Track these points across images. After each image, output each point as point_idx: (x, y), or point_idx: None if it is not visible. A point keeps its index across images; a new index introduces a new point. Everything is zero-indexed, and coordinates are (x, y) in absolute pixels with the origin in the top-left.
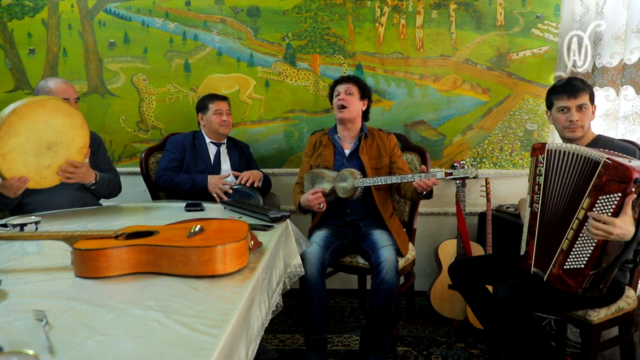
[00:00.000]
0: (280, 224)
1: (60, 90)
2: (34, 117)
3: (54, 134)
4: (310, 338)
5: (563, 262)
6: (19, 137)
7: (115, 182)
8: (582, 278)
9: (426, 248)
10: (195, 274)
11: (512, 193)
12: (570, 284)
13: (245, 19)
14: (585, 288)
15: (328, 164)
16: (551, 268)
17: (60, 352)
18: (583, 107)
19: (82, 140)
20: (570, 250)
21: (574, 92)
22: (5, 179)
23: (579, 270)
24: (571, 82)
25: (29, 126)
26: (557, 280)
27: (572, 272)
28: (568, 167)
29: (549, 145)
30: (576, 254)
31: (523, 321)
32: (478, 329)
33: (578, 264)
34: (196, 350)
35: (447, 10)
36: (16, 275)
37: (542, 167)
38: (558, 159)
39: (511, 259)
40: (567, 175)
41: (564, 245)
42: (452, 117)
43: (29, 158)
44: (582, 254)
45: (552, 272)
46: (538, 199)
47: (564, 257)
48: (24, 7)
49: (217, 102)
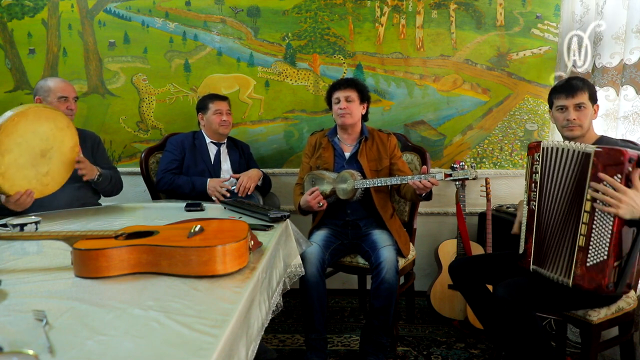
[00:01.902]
0: (280, 224)
1: (59, 88)
2: (20, 130)
3: (44, 141)
4: (310, 338)
5: (585, 259)
6: (12, 153)
7: (116, 178)
8: (609, 270)
9: (426, 248)
10: (195, 274)
11: (512, 193)
12: (600, 281)
13: (245, 19)
14: (615, 283)
15: (328, 167)
16: (574, 270)
17: (60, 352)
18: (582, 106)
19: (71, 140)
20: (589, 246)
21: (572, 91)
22: (11, 196)
23: (603, 262)
24: (570, 82)
25: (17, 140)
26: (584, 281)
27: (597, 267)
28: (564, 163)
29: (544, 144)
30: (595, 248)
31: (523, 319)
32: (478, 329)
33: (600, 256)
34: (196, 350)
35: (447, 10)
36: (16, 275)
37: (538, 165)
38: (553, 156)
39: (511, 258)
40: (564, 171)
41: (580, 241)
42: (452, 117)
43: (27, 171)
44: (601, 245)
45: (577, 274)
46: (535, 197)
47: (585, 255)
48: (24, 7)
49: (217, 102)
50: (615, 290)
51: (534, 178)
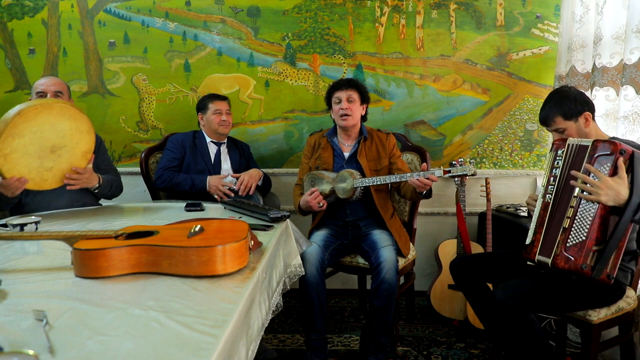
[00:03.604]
0: (280, 224)
1: (38, 84)
2: (39, 120)
3: (60, 137)
4: (310, 338)
5: (566, 240)
6: (23, 138)
7: (117, 183)
8: (585, 251)
9: (426, 248)
10: (196, 274)
11: (511, 193)
12: (574, 260)
13: (245, 19)
14: (591, 266)
15: (327, 167)
16: (555, 250)
17: (60, 352)
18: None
19: (86, 145)
20: (572, 227)
21: (543, 122)
22: (5, 179)
23: (581, 243)
24: (542, 112)
25: (33, 128)
26: (561, 259)
27: (575, 247)
28: (573, 157)
29: (570, 140)
30: (577, 229)
31: (521, 322)
32: (478, 328)
33: (579, 237)
34: (196, 350)
35: (447, 10)
36: (16, 275)
37: (561, 159)
38: (572, 152)
39: (513, 257)
40: (572, 164)
41: (565, 223)
42: (452, 117)
43: (31, 160)
44: (583, 227)
45: (556, 254)
46: (552, 190)
47: (566, 235)
48: (24, 7)
49: (217, 102)
50: (590, 273)
51: (553, 172)
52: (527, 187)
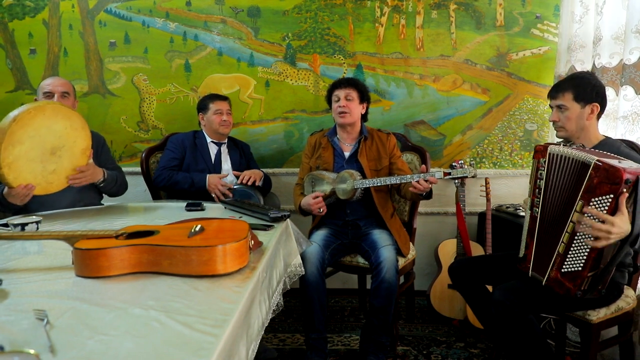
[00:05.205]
0: (280, 224)
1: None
2: (35, 124)
3: (57, 138)
4: (310, 337)
5: (560, 265)
6: (23, 145)
7: (121, 178)
8: (581, 280)
9: (426, 248)
10: (196, 273)
11: (511, 193)
12: (569, 287)
13: (245, 19)
14: (584, 290)
15: (327, 167)
16: (549, 272)
17: (61, 351)
18: (562, 107)
19: (84, 142)
20: (567, 254)
21: (552, 92)
22: (13, 188)
23: (577, 272)
24: (557, 83)
25: (31, 133)
26: (555, 284)
27: (570, 274)
28: (564, 170)
29: (551, 149)
30: (573, 257)
31: (520, 323)
32: (478, 328)
33: (576, 266)
34: (196, 350)
35: (447, 10)
36: (17, 275)
37: (544, 170)
38: (557, 162)
39: (511, 259)
40: (563, 178)
41: (560, 248)
42: (452, 117)
43: (34, 165)
44: (579, 256)
45: (550, 276)
46: (538, 203)
47: (561, 261)
48: (25, 7)
49: (218, 102)
50: (583, 297)
51: (538, 184)
52: (526, 187)
